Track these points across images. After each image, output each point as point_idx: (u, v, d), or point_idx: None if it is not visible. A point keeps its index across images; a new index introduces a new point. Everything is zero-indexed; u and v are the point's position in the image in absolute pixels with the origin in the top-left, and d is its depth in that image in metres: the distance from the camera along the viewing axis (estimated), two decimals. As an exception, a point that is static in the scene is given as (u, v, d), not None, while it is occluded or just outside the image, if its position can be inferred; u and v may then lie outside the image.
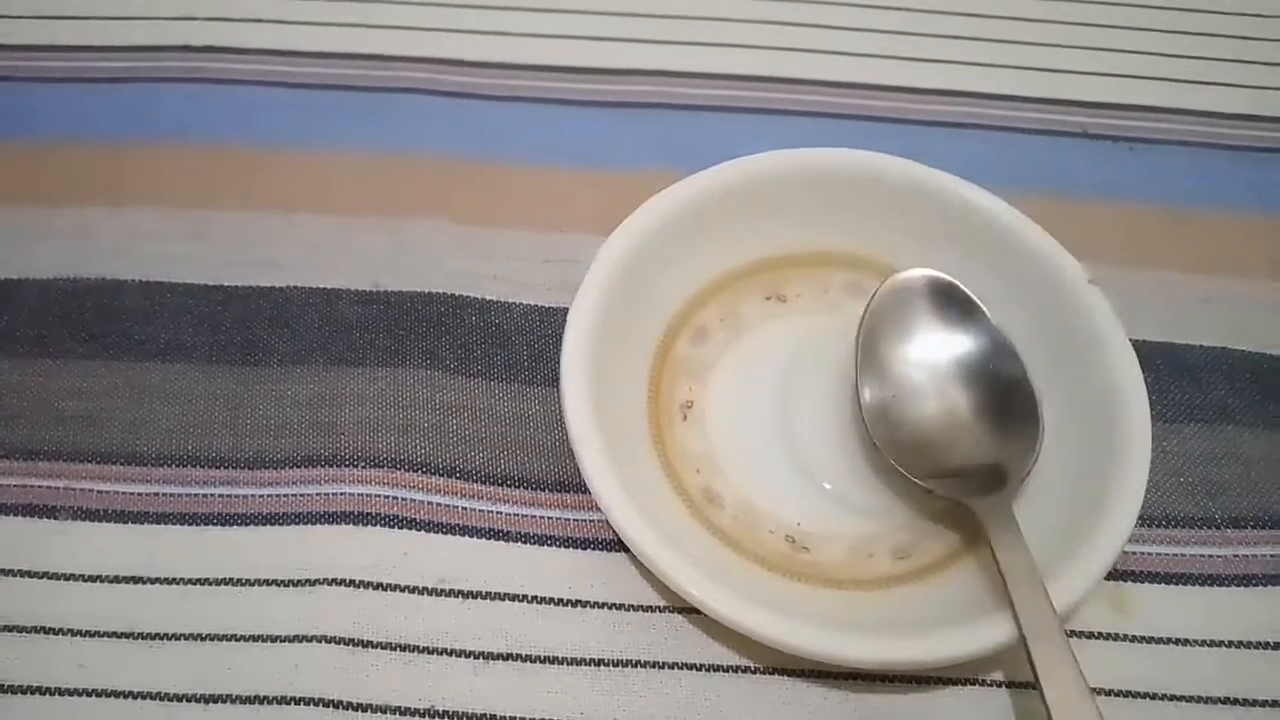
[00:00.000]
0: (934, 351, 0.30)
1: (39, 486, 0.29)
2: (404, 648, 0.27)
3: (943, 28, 0.41)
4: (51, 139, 0.37)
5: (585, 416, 0.27)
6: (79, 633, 0.27)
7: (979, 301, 0.30)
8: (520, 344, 0.32)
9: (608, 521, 0.29)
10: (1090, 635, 0.28)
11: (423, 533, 0.29)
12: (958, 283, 0.30)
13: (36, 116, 0.37)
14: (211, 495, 0.29)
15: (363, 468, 0.30)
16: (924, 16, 0.41)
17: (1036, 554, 0.26)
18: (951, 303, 0.30)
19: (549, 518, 0.29)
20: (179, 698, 0.26)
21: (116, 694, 0.27)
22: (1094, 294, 0.30)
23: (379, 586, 0.28)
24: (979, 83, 0.39)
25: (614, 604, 0.28)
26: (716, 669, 0.27)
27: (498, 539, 0.29)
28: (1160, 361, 0.32)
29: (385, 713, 0.26)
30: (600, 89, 0.38)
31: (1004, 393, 0.29)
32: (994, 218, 0.31)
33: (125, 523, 0.29)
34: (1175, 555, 0.29)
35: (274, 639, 0.27)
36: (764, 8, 0.41)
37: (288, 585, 0.28)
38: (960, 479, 0.29)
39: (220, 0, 0.40)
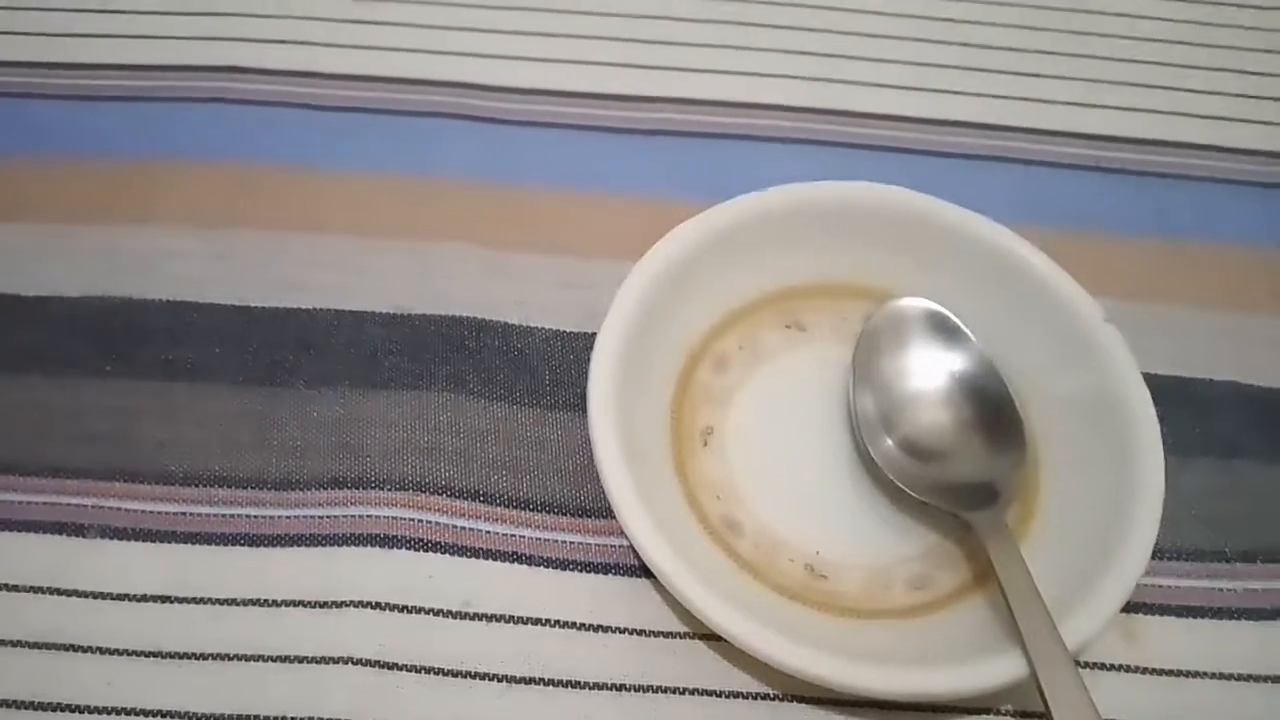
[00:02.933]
0: (925, 371, 0.31)
1: (68, 504, 0.30)
2: (430, 670, 0.28)
3: (961, 60, 0.41)
4: (74, 156, 0.37)
5: (612, 446, 0.28)
6: (107, 651, 0.28)
7: (965, 329, 0.31)
8: (542, 369, 0.33)
9: (629, 547, 0.30)
10: (1102, 666, 0.29)
11: (447, 556, 0.29)
12: (947, 311, 0.32)
13: (58, 133, 0.37)
14: (238, 516, 0.30)
15: (388, 490, 0.30)
16: (944, 48, 0.42)
17: (1053, 587, 0.27)
18: (942, 329, 0.32)
19: (570, 542, 0.30)
20: (207, 718, 0.27)
21: (144, 713, 0.27)
22: (1110, 333, 0.30)
23: (404, 609, 0.28)
24: (995, 115, 0.40)
25: (635, 629, 0.29)
26: (736, 695, 0.28)
27: (520, 562, 0.29)
28: (1172, 396, 0.32)
29: (411, 734, 0.27)
30: (624, 115, 0.39)
31: (992, 411, 0.31)
32: (1011, 254, 0.32)
33: (154, 541, 0.29)
34: (1186, 588, 0.30)
35: (302, 660, 0.28)
36: (785, 37, 0.41)
37: (315, 606, 0.28)
38: (955, 494, 0.29)
39: (240, 21, 0.40)
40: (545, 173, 0.37)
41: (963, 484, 0.30)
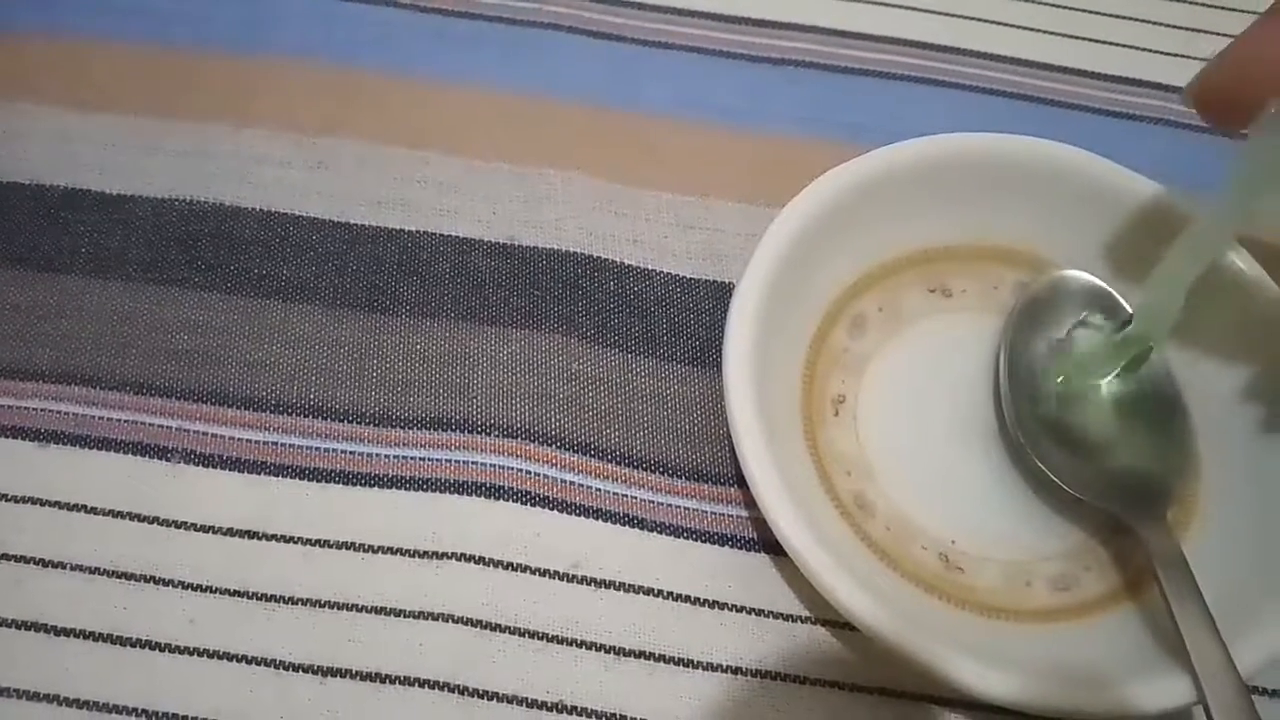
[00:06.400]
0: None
1: (150, 424, 0.28)
2: (533, 634, 0.26)
3: (1139, 10, 0.37)
4: (166, 44, 0.33)
5: (750, 415, 0.25)
6: (190, 586, 0.26)
7: (1131, 310, 0.29)
8: (659, 316, 0.30)
9: (749, 518, 0.28)
10: (1258, 691, 0.26)
11: (555, 512, 0.27)
12: (1112, 290, 0.29)
13: (152, 16, 0.34)
14: (334, 451, 0.27)
15: (496, 437, 0.28)
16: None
17: (1225, 600, 0.24)
18: (1107, 308, 0.29)
19: (685, 508, 0.28)
20: (295, 667, 0.25)
21: (228, 656, 0.25)
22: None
23: (509, 566, 0.26)
24: (1170, 74, 0.36)
25: (753, 609, 0.27)
26: (863, 689, 0.26)
27: (632, 526, 0.27)
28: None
29: (512, 703, 0.25)
30: (756, 42, 0.35)
31: (1156, 404, 0.28)
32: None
33: (241, 471, 0.27)
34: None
35: (399, 613, 0.26)
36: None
37: (414, 556, 0.26)
38: (1111, 491, 0.27)
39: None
40: (666, 99, 0.34)
41: (1119, 481, 0.27)
